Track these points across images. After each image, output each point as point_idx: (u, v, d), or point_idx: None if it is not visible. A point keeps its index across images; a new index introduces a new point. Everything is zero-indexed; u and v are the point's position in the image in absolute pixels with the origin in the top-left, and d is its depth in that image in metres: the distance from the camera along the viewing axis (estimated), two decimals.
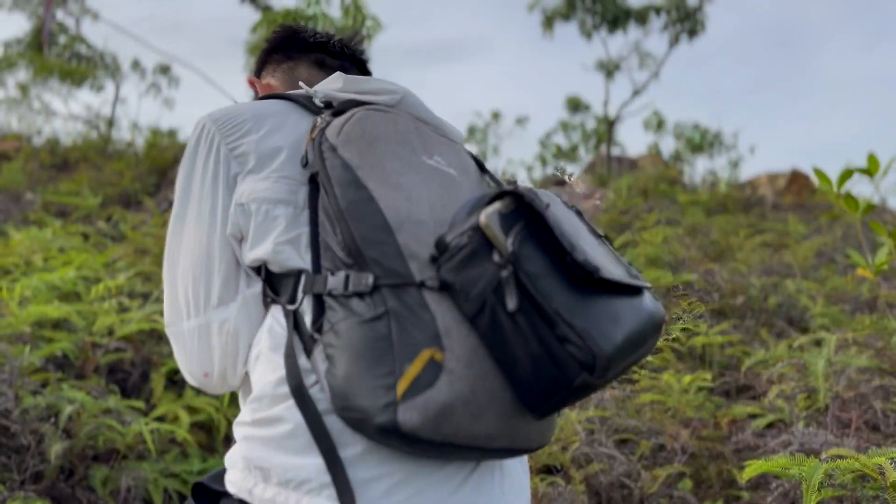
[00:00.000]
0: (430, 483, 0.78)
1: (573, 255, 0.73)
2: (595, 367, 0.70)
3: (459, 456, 0.79)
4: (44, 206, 5.34)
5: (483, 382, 0.74)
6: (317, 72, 1.08)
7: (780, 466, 1.43)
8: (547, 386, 0.73)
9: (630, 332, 0.75)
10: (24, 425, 2.09)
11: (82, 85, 11.11)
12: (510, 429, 0.78)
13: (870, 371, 2.06)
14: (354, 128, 0.84)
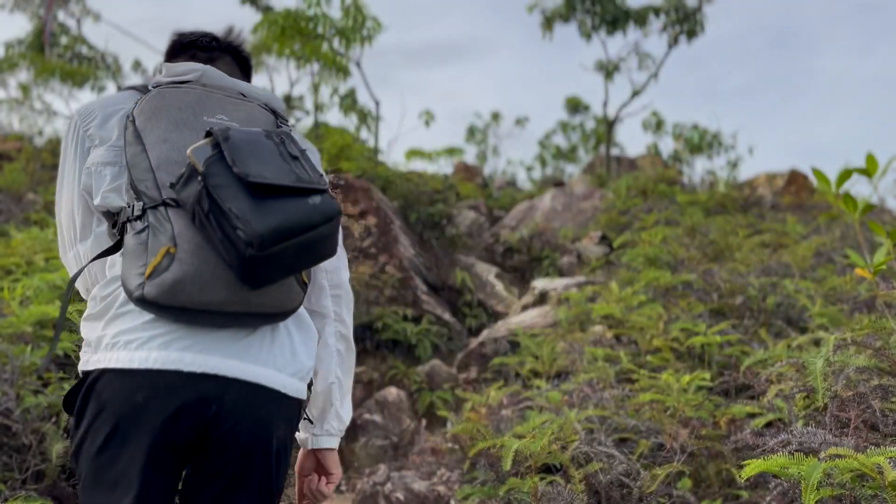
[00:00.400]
0: (202, 341, 1.10)
1: (233, 168, 1.06)
2: (254, 243, 1.01)
3: (223, 323, 1.12)
4: (45, 206, 5.35)
5: (206, 265, 1.07)
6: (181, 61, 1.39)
7: (779, 465, 1.44)
8: (233, 261, 1.04)
9: (284, 219, 1.05)
10: (26, 425, 2.10)
11: (83, 86, 11.12)
12: (240, 297, 1.09)
13: (868, 371, 2.06)
14: (146, 103, 1.21)
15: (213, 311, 1.09)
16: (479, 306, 5.17)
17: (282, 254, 1.07)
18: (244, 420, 1.12)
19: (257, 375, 1.13)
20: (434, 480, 2.38)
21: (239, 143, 1.09)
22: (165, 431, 1.07)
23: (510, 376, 3.35)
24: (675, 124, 11.69)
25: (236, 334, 1.14)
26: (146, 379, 1.08)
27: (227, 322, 1.13)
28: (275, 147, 1.13)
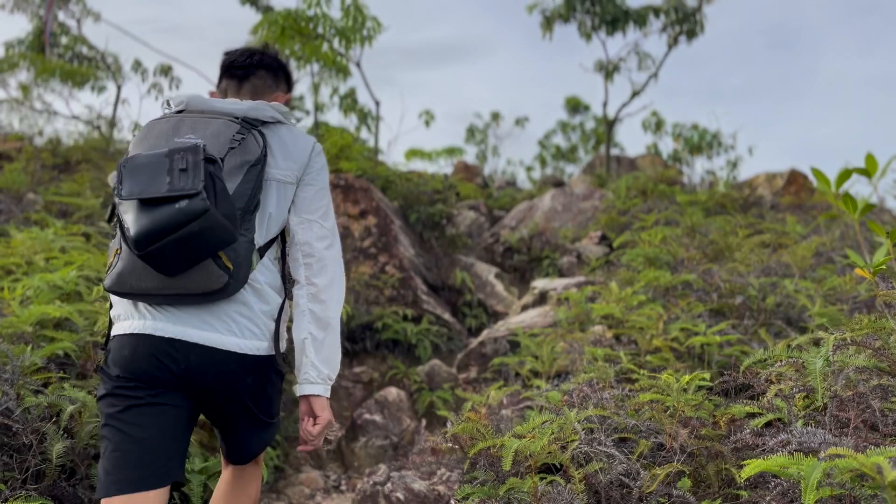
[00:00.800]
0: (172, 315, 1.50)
1: (118, 189, 1.42)
2: (132, 244, 1.38)
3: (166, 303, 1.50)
4: (45, 206, 5.35)
5: (137, 261, 1.43)
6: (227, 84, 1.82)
7: (779, 465, 1.44)
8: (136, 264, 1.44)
9: (151, 223, 1.36)
10: (26, 424, 2.10)
11: (84, 86, 11.12)
12: (168, 283, 1.44)
13: (868, 370, 2.06)
14: (138, 133, 1.62)
15: (153, 294, 1.47)
16: (479, 306, 5.17)
17: (163, 249, 1.38)
18: (208, 374, 1.52)
19: (214, 341, 1.51)
20: (434, 480, 2.38)
21: (132, 167, 1.42)
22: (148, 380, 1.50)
23: (510, 376, 3.35)
24: (675, 124, 11.69)
25: (199, 309, 1.51)
26: (128, 340, 1.51)
27: (169, 302, 1.50)
28: (166, 164, 1.41)
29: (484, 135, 16.17)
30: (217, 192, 1.43)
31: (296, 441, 3.27)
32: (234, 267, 1.49)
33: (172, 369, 1.50)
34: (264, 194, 1.63)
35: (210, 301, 1.50)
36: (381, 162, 7.59)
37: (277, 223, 1.66)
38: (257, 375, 1.59)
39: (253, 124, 1.63)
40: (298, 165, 1.69)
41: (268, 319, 1.59)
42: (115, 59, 12.27)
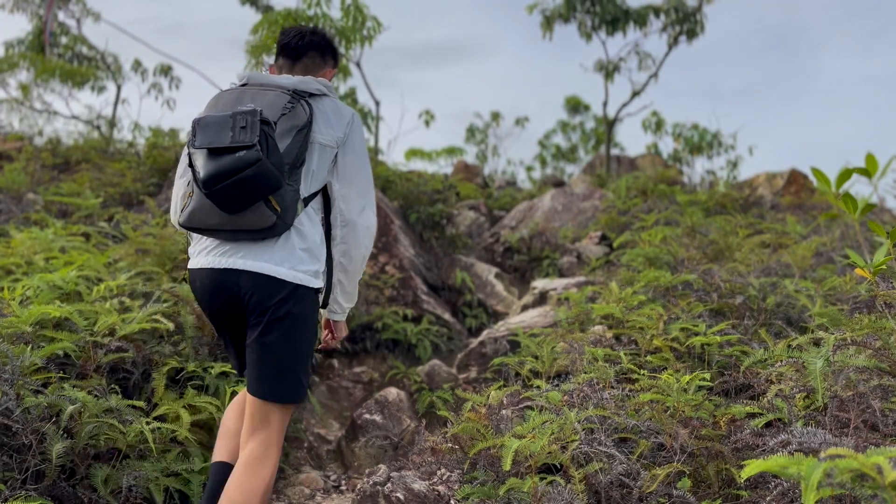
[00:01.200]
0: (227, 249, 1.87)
1: (192, 141, 1.78)
2: (201, 185, 1.74)
3: (225, 237, 1.87)
4: (45, 206, 5.35)
5: (205, 201, 1.79)
6: (283, 62, 2.18)
7: (779, 465, 1.44)
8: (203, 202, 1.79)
9: (216, 168, 1.72)
10: (26, 424, 2.09)
11: (84, 86, 11.11)
12: (228, 220, 1.79)
13: (868, 371, 2.06)
14: (209, 101, 1.99)
15: (216, 229, 1.85)
16: (479, 306, 5.17)
17: (225, 189, 1.73)
18: (254, 295, 1.86)
19: (260, 268, 1.85)
20: (434, 480, 2.38)
21: (203, 124, 1.78)
22: (210, 302, 1.94)
23: (510, 376, 3.35)
24: (675, 124, 11.68)
25: (252, 245, 1.87)
26: (196, 273, 1.94)
27: (229, 237, 1.87)
28: (230, 122, 1.76)
29: (484, 135, 16.17)
30: (269, 147, 1.77)
31: (296, 441, 3.27)
32: (280, 210, 1.81)
33: (230, 298, 1.89)
34: (309, 154, 1.95)
35: (260, 239, 1.86)
36: (382, 162, 7.59)
37: (319, 180, 1.99)
38: (294, 303, 1.88)
39: (301, 95, 1.98)
40: (338, 133, 2.01)
41: (306, 256, 1.92)
42: (115, 59, 12.26)
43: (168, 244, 3.58)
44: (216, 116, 1.78)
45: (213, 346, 2.99)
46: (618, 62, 11.20)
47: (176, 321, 2.91)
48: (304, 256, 1.90)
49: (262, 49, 7.79)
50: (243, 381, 2.78)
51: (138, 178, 6.21)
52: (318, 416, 3.52)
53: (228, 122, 1.75)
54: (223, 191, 1.73)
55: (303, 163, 1.92)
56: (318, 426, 3.46)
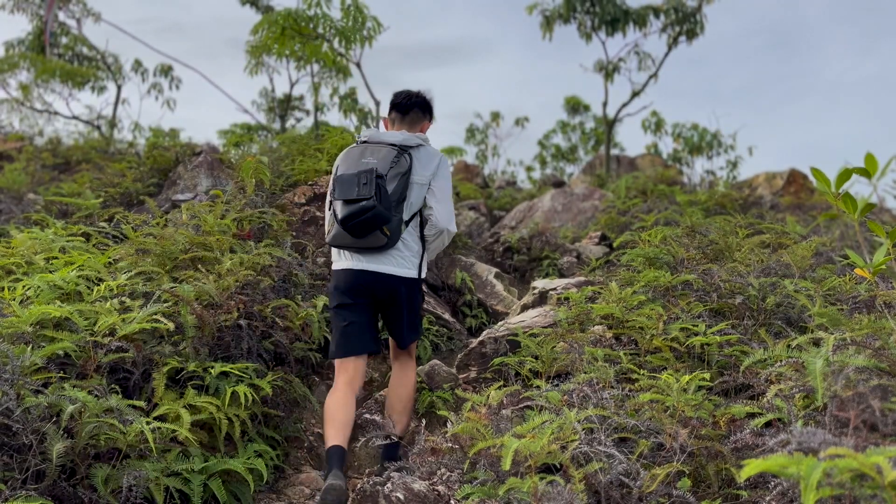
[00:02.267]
0: (362, 259, 2.91)
1: (334, 193, 2.87)
2: (340, 222, 2.78)
3: (356, 252, 2.91)
4: (46, 206, 5.35)
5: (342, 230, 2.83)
6: (395, 115, 3.18)
7: (779, 465, 1.44)
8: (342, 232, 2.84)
9: (349, 212, 2.74)
10: (26, 424, 2.10)
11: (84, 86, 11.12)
12: (357, 242, 2.84)
13: (868, 371, 2.06)
14: (341, 155, 3.03)
15: (350, 247, 2.86)
16: (479, 306, 5.17)
17: (354, 225, 2.73)
18: (383, 288, 2.92)
19: (381, 269, 2.89)
20: (434, 480, 2.38)
21: (340, 181, 2.80)
22: (350, 289, 2.92)
23: (510, 376, 3.35)
24: (675, 124, 11.68)
25: (374, 255, 2.87)
26: (342, 272, 2.94)
27: (358, 252, 2.89)
28: (356, 180, 2.75)
29: (484, 135, 16.16)
30: (381, 195, 2.74)
31: (296, 441, 3.27)
32: (390, 234, 2.83)
33: (363, 286, 2.92)
34: (409, 191, 2.90)
35: (379, 251, 2.88)
36: None
37: (416, 207, 2.96)
38: (406, 288, 2.96)
39: (405, 149, 2.93)
40: (429, 173, 2.96)
41: (412, 258, 2.97)
42: (116, 59, 12.26)
43: (168, 244, 3.58)
44: (348, 175, 2.79)
45: (213, 346, 2.99)
46: (617, 62, 11.19)
47: (176, 321, 2.91)
48: (407, 261, 2.95)
49: (262, 49, 7.79)
50: (243, 381, 2.79)
51: (138, 179, 6.22)
52: (318, 416, 3.52)
53: (354, 180, 2.75)
54: (353, 226, 2.75)
55: (405, 198, 2.89)
56: (318, 426, 3.46)
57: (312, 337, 3.51)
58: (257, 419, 2.95)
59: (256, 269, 3.62)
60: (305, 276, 4.05)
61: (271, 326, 3.30)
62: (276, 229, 4.46)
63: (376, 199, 2.69)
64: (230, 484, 2.56)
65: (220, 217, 4.12)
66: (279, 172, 5.74)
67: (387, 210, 2.75)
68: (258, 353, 3.16)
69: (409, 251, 2.94)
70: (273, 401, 3.08)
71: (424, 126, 3.18)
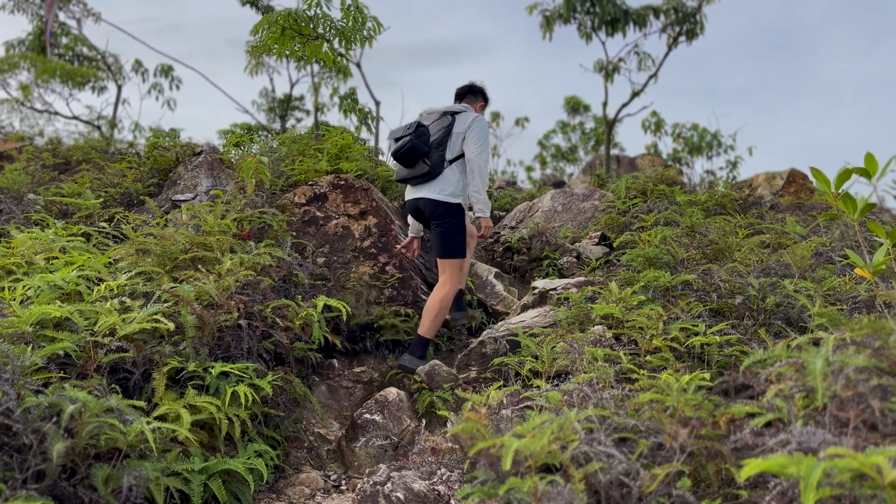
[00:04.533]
0: (415, 188, 4.21)
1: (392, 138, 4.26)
2: (393, 154, 4.11)
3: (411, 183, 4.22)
4: (46, 206, 5.35)
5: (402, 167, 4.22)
6: (456, 99, 4.59)
7: (779, 465, 1.44)
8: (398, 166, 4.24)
9: (394, 147, 4.10)
10: (26, 424, 2.10)
11: (84, 86, 11.12)
12: (409, 172, 4.14)
13: (868, 370, 2.06)
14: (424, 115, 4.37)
15: (406, 178, 4.15)
16: (479, 306, 5.17)
17: (400, 155, 4.05)
18: (427, 208, 4.10)
19: (427, 194, 4.08)
20: (434, 480, 2.39)
21: (395, 131, 4.20)
22: (413, 212, 4.28)
23: (510, 376, 3.35)
24: (675, 124, 11.68)
25: (420, 184, 4.13)
26: (409, 201, 4.25)
27: (413, 182, 4.16)
28: (406, 129, 4.12)
29: None
30: (420, 137, 4.05)
31: (296, 441, 3.28)
32: (430, 164, 4.03)
33: (415, 209, 4.20)
34: (449, 138, 4.13)
35: (426, 180, 4.07)
36: (382, 162, 7.58)
37: (456, 150, 4.12)
38: (441, 210, 4.04)
39: (450, 113, 4.23)
40: (465, 127, 4.14)
41: (450, 188, 4.06)
42: (116, 59, 12.26)
43: (168, 244, 3.58)
44: (400, 127, 4.17)
45: (213, 346, 2.99)
46: (617, 62, 11.19)
47: (176, 321, 2.91)
48: (447, 189, 4.04)
49: (262, 49, 7.79)
50: (243, 381, 2.79)
51: (139, 179, 6.22)
52: (318, 415, 3.52)
53: (403, 128, 4.13)
54: (399, 156, 4.03)
55: (445, 142, 4.11)
56: (319, 426, 3.47)
57: (312, 337, 3.51)
58: (257, 419, 2.96)
59: (256, 269, 3.62)
60: (305, 276, 4.05)
61: (271, 326, 3.30)
62: (276, 229, 4.46)
63: (413, 137, 4.00)
64: (230, 484, 2.56)
65: (221, 217, 4.12)
66: (279, 172, 5.74)
67: (423, 145, 4.01)
68: (258, 353, 3.16)
69: (447, 183, 4.04)
70: (273, 401, 3.09)
71: (477, 106, 4.49)
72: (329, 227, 4.88)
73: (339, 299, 3.97)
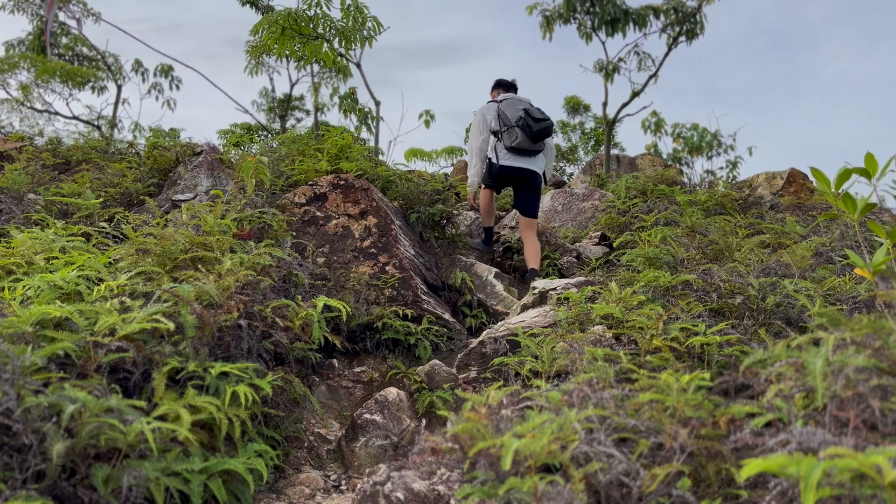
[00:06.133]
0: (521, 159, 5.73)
1: (530, 118, 5.74)
2: (531, 134, 5.66)
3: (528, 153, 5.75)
4: (46, 206, 5.35)
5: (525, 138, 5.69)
6: (503, 92, 6.11)
7: (779, 465, 1.44)
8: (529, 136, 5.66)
9: (539, 128, 5.62)
10: (26, 424, 2.10)
11: (84, 86, 11.11)
12: (532, 146, 5.65)
13: (868, 370, 2.06)
14: (501, 104, 5.81)
15: (526, 149, 5.60)
16: (479, 306, 5.17)
17: (535, 135, 5.53)
18: (526, 176, 5.70)
19: (533, 168, 5.69)
20: (434, 480, 2.39)
21: (532, 110, 5.59)
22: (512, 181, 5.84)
23: (510, 376, 3.35)
24: (675, 124, 11.68)
25: (532, 158, 5.71)
26: (510, 168, 5.68)
27: (530, 154, 5.67)
28: (534, 110, 5.64)
29: None
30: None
31: (296, 441, 3.28)
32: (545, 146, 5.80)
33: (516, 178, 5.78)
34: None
35: (536, 155, 5.75)
36: (382, 162, 7.58)
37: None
38: (540, 179, 5.78)
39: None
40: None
41: (544, 164, 5.83)
42: (116, 59, 12.26)
43: (168, 244, 3.58)
44: (535, 107, 5.70)
45: (213, 346, 2.99)
46: (617, 63, 11.19)
47: (176, 321, 2.91)
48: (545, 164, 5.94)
49: (262, 49, 7.79)
50: (243, 381, 2.80)
51: (139, 179, 6.21)
52: (318, 415, 3.52)
53: (537, 110, 5.72)
54: (535, 135, 5.63)
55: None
56: (318, 426, 3.47)
57: (312, 337, 3.51)
58: (257, 419, 2.96)
59: (256, 269, 3.62)
60: (305, 276, 4.05)
61: (271, 326, 3.30)
62: (276, 229, 4.46)
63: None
64: (230, 484, 2.56)
65: (221, 217, 4.12)
66: (279, 172, 5.74)
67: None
68: (258, 353, 3.16)
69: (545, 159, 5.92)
70: (273, 401, 3.09)
71: (492, 94, 6.11)
72: (329, 227, 4.88)
73: (339, 299, 3.97)
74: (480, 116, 5.75)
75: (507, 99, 5.72)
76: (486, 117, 5.71)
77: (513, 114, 5.54)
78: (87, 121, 11.54)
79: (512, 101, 5.67)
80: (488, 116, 5.70)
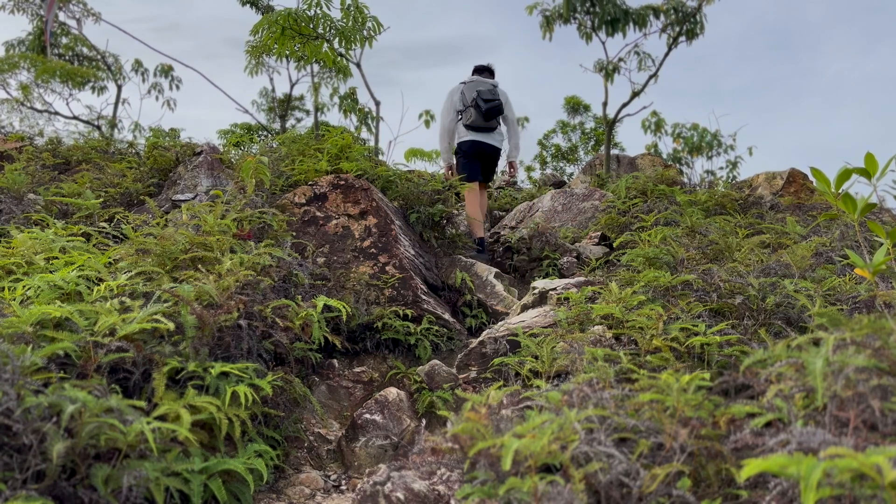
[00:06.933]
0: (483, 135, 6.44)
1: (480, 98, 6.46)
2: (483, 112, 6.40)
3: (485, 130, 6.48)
4: (46, 206, 5.35)
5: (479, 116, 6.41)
6: (477, 75, 6.67)
7: (779, 465, 1.44)
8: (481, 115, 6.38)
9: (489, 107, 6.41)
10: (26, 424, 2.10)
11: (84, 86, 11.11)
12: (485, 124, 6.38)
13: (868, 370, 2.06)
14: (466, 86, 6.44)
15: (479, 127, 6.31)
16: (479, 306, 5.17)
17: (485, 113, 6.22)
18: (488, 151, 6.40)
19: (492, 143, 6.39)
20: (434, 480, 2.39)
21: (483, 92, 6.24)
22: (478, 155, 6.40)
23: (510, 376, 3.35)
24: (675, 124, 11.67)
25: (489, 133, 6.39)
26: (472, 143, 6.36)
27: (486, 130, 6.36)
28: (493, 89, 6.31)
29: None
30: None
31: (296, 441, 3.28)
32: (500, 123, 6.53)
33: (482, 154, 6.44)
34: None
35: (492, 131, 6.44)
36: (382, 162, 7.58)
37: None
38: (498, 155, 6.49)
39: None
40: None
41: (503, 141, 6.49)
42: (116, 59, 12.26)
43: (168, 244, 3.58)
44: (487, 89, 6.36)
45: (213, 346, 2.99)
46: (617, 63, 11.19)
47: (176, 321, 2.91)
48: (503, 142, 6.61)
49: (262, 49, 7.79)
50: (243, 381, 2.80)
51: (139, 179, 6.21)
52: (318, 416, 3.52)
53: (493, 90, 6.37)
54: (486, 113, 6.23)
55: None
56: (318, 426, 3.47)
57: (312, 337, 3.51)
58: (257, 419, 2.96)
59: (256, 269, 3.62)
60: (305, 276, 4.05)
61: (271, 326, 3.30)
62: (276, 229, 4.46)
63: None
64: (230, 484, 2.56)
65: (221, 217, 4.12)
66: (279, 172, 5.74)
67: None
68: (258, 353, 3.16)
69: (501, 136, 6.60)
70: (273, 401, 3.09)
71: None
72: (329, 227, 4.88)
73: (339, 299, 3.97)
74: (448, 98, 6.41)
75: (472, 81, 6.30)
76: (452, 98, 6.37)
77: (470, 95, 6.18)
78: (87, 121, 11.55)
79: (473, 84, 6.25)
80: (454, 98, 6.35)
